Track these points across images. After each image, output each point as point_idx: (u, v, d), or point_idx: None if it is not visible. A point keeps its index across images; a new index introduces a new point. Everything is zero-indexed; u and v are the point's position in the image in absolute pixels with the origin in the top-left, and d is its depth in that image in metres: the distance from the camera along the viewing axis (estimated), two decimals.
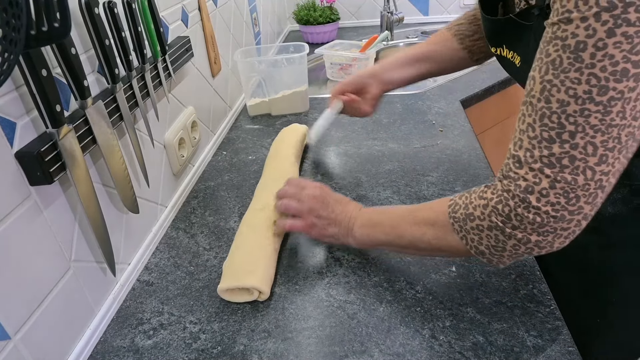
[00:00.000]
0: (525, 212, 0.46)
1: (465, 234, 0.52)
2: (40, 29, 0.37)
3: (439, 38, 0.84)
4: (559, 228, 0.46)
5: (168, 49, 0.78)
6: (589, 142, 0.41)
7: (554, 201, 0.44)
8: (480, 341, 0.55)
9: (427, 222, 0.56)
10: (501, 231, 0.48)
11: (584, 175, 0.42)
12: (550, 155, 0.43)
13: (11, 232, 0.47)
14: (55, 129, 0.50)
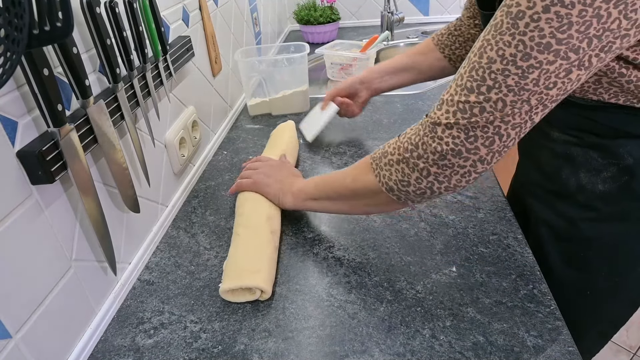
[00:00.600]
0: (430, 140, 0.51)
1: (379, 171, 0.58)
2: (43, 28, 0.37)
3: (424, 48, 0.92)
4: (456, 164, 0.51)
5: (169, 48, 0.79)
6: (500, 98, 0.46)
7: (455, 134, 0.49)
8: (480, 341, 0.55)
9: (351, 167, 0.64)
10: (406, 163, 0.54)
11: (489, 125, 0.48)
12: (465, 102, 0.48)
13: (12, 231, 0.47)
14: (57, 128, 0.50)
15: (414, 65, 0.92)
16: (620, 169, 0.62)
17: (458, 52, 0.87)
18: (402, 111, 1.16)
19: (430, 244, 0.71)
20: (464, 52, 0.86)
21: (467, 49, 0.86)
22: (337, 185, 0.65)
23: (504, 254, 0.68)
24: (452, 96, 0.49)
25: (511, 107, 0.46)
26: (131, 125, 0.67)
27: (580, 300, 0.73)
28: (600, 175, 0.64)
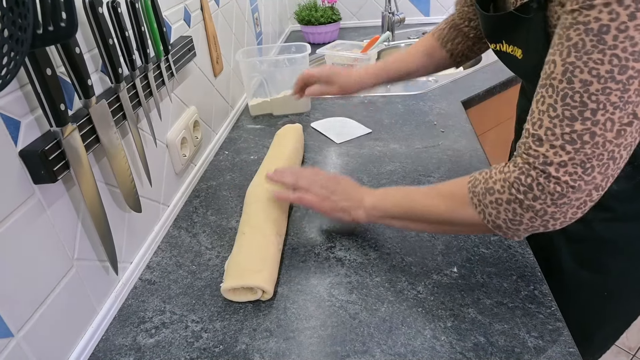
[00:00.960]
0: (546, 181, 0.48)
1: (483, 208, 0.53)
2: (47, 28, 0.37)
3: (429, 48, 0.88)
4: (574, 198, 0.48)
5: (171, 48, 0.79)
6: (608, 118, 0.44)
7: (572, 171, 0.47)
8: (481, 342, 0.56)
9: (442, 195, 0.58)
10: (520, 204, 0.50)
11: (603, 149, 0.46)
12: (572, 132, 0.45)
13: (15, 231, 0.48)
14: (59, 127, 0.50)
15: (419, 68, 0.89)
16: (635, 168, 0.62)
17: (460, 47, 0.85)
18: (403, 112, 1.16)
19: (431, 245, 0.71)
20: (465, 48, 0.84)
21: (468, 44, 0.84)
22: (427, 211, 0.60)
23: (505, 255, 0.68)
24: (552, 129, 0.47)
25: (620, 125, 0.44)
26: (133, 125, 0.67)
27: (593, 301, 0.73)
28: None
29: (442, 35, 0.86)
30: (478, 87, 1.27)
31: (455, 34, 0.84)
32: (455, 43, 0.84)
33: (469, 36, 0.83)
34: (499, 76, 1.32)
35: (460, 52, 0.85)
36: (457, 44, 0.84)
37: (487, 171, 0.54)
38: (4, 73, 0.35)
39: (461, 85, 1.29)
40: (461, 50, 0.85)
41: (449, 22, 0.85)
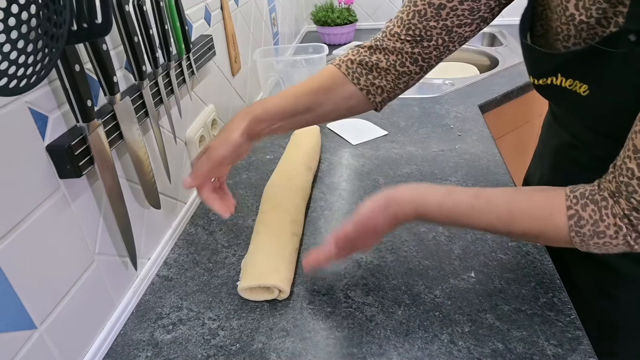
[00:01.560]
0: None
1: (584, 245, 0.49)
2: (82, 25, 0.38)
3: (328, 81, 0.68)
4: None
5: (192, 47, 0.79)
6: None
7: None
8: (499, 348, 0.55)
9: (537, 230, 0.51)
10: (629, 246, 0.48)
11: None
12: None
13: (40, 224, 0.48)
14: (86, 123, 0.51)
15: (315, 105, 0.67)
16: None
17: (378, 83, 0.66)
18: (420, 114, 1.16)
19: (448, 249, 0.71)
20: (384, 82, 0.66)
21: (389, 79, 0.66)
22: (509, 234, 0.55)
23: (524, 261, 0.67)
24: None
25: None
26: (154, 122, 0.68)
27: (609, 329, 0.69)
28: None
29: (350, 68, 0.67)
30: (495, 91, 1.26)
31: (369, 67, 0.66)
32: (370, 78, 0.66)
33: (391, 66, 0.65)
34: (516, 81, 1.31)
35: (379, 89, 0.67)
36: (372, 79, 0.66)
37: (591, 206, 0.48)
38: (39, 69, 0.36)
39: (478, 89, 1.28)
40: (380, 87, 0.67)
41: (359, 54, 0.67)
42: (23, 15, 0.35)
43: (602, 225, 0.48)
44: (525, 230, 0.52)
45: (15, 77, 0.35)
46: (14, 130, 0.45)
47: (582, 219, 0.48)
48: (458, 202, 0.54)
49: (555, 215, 0.50)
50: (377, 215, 0.57)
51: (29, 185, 0.47)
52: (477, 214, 0.53)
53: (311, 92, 0.67)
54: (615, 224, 0.47)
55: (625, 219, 0.46)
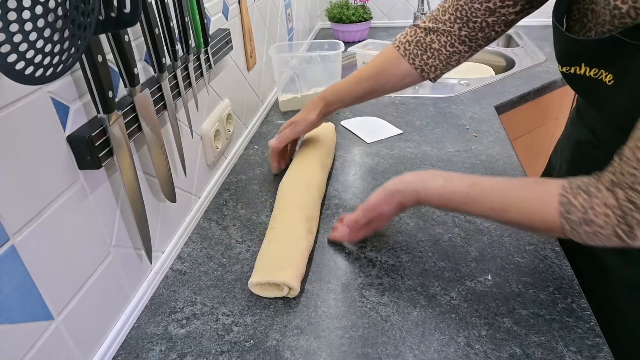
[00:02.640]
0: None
1: (574, 232, 0.51)
2: (109, 14, 0.37)
3: (388, 62, 0.79)
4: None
5: (210, 40, 0.79)
6: None
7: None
8: (517, 353, 0.54)
9: (523, 211, 0.54)
10: (619, 237, 0.48)
11: None
12: None
13: (59, 215, 0.48)
14: (106, 114, 0.50)
15: (376, 87, 0.81)
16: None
17: (432, 62, 0.75)
18: (435, 114, 1.15)
19: (464, 250, 0.70)
20: (437, 62, 0.75)
21: (441, 58, 0.75)
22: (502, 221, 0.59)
23: (542, 266, 0.66)
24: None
25: None
26: (172, 115, 0.67)
27: None
28: None
29: (407, 49, 0.77)
30: (511, 92, 1.25)
31: (424, 48, 0.75)
32: (424, 58, 0.76)
33: (443, 46, 0.74)
34: (532, 83, 1.30)
35: (432, 67, 0.77)
36: (426, 59, 0.76)
37: (582, 195, 0.50)
38: (65, 57, 0.35)
39: (494, 90, 1.27)
40: (433, 65, 0.76)
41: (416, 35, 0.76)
42: (50, 3, 0.35)
43: (591, 213, 0.49)
44: (515, 219, 0.55)
45: (41, 66, 0.35)
46: (37, 120, 0.44)
47: (573, 206, 0.50)
48: (455, 191, 0.59)
49: (545, 207, 0.52)
50: (384, 204, 0.66)
51: (49, 175, 0.46)
52: (472, 203, 0.58)
53: (372, 76, 0.80)
54: (606, 214, 0.48)
55: (619, 210, 0.47)
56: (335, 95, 0.84)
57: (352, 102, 0.85)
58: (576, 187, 0.51)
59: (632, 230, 0.47)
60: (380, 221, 0.69)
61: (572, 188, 0.51)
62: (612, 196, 0.48)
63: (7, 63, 0.32)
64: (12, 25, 0.32)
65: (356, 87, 0.82)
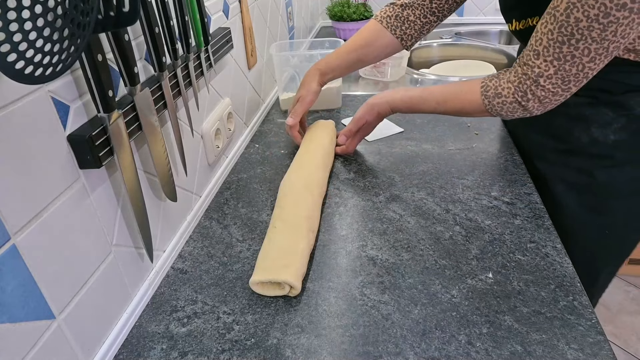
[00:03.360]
0: (535, 89, 0.67)
1: (491, 105, 0.73)
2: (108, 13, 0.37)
3: (372, 35, 0.94)
4: (553, 100, 0.68)
5: (210, 39, 0.79)
6: (586, 47, 0.61)
7: (554, 82, 0.65)
8: (518, 350, 0.54)
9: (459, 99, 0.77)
10: (518, 103, 0.70)
11: (577, 69, 0.63)
12: (559, 52, 0.63)
13: (60, 214, 0.48)
14: (107, 113, 0.50)
15: (363, 57, 0.95)
16: (629, 119, 0.75)
17: (409, 32, 0.92)
18: None
19: (465, 249, 0.70)
20: (413, 32, 0.92)
21: (416, 28, 0.92)
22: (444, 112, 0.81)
23: (543, 263, 0.66)
24: (547, 48, 0.63)
25: (594, 54, 0.61)
26: (172, 114, 0.67)
27: (599, 242, 0.87)
28: (611, 127, 0.76)
29: (389, 22, 0.92)
30: None
31: (402, 20, 0.92)
32: (403, 29, 0.92)
33: (417, 18, 0.91)
34: None
35: (409, 36, 0.93)
36: (405, 29, 0.92)
37: (495, 79, 0.73)
38: (65, 57, 0.35)
39: None
40: (410, 34, 0.93)
41: (395, 9, 0.92)
42: (50, 2, 0.35)
43: (500, 88, 0.72)
44: (453, 107, 0.79)
45: (40, 65, 0.35)
46: (37, 120, 0.44)
47: (488, 86, 0.73)
48: (413, 96, 0.84)
49: (472, 92, 0.75)
50: (367, 114, 0.91)
51: (49, 174, 0.46)
52: (423, 101, 0.83)
53: (360, 47, 0.94)
54: (508, 87, 0.70)
55: (517, 81, 0.69)
56: (328, 66, 0.96)
57: (343, 72, 0.97)
58: (492, 76, 0.74)
59: (526, 94, 0.68)
60: (367, 129, 0.93)
61: (490, 77, 0.74)
62: (514, 73, 0.70)
63: (6, 62, 0.32)
64: (12, 24, 0.32)
65: (347, 57, 0.95)
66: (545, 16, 0.63)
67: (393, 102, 0.86)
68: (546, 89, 0.66)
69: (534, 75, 0.66)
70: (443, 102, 0.79)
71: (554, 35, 0.62)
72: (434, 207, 0.80)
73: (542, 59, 0.65)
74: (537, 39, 0.65)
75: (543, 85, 0.66)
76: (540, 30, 0.64)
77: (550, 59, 0.64)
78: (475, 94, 0.74)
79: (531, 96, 0.68)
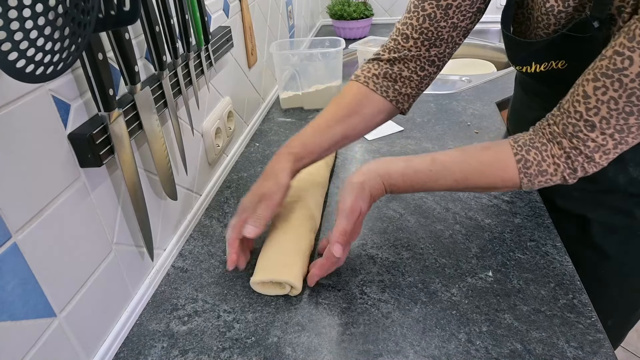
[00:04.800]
0: (588, 166, 0.56)
1: (531, 184, 0.59)
2: (109, 12, 0.37)
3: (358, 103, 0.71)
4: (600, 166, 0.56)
5: (211, 38, 0.79)
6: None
7: (611, 158, 0.55)
8: (518, 349, 0.54)
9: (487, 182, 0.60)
10: (564, 180, 0.58)
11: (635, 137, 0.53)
12: (624, 124, 0.52)
13: (61, 213, 0.48)
14: (107, 112, 0.51)
15: (349, 130, 0.71)
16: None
17: (405, 91, 0.72)
18: (436, 111, 1.15)
19: (465, 247, 0.70)
20: (410, 90, 0.73)
21: (413, 86, 0.72)
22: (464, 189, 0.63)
23: (542, 262, 0.66)
24: (608, 120, 0.52)
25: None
26: (173, 113, 0.67)
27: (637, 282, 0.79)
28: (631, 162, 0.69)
29: (377, 82, 0.71)
30: (512, 88, 1.24)
31: (394, 77, 0.72)
32: (397, 88, 0.72)
33: (413, 72, 0.72)
34: None
35: (406, 96, 0.73)
36: (399, 87, 0.72)
37: (535, 152, 0.57)
38: (66, 55, 0.36)
39: (495, 86, 1.26)
40: (406, 93, 0.73)
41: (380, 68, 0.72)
42: (50, 1, 0.35)
43: (545, 165, 0.57)
44: (478, 185, 0.61)
45: (41, 64, 0.35)
46: (38, 118, 0.45)
47: (528, 161, 0.57)
48: (418, 170, 0.61)
49: (504, 167, 0.58)
50: (359, 200, 0.60)
51: (50, 173, 0.47)
52: (435, 179, 0.61)
53: (343, 118, 0.70)
54: (555, 162, 0.57)
55: (566, 157, 0.56)
56: (304, 148, 0.69)
57: (323, 154, 0.71)
58: (524, 145, 0.58)
59: (575, 172, 0.56)
60: (360, 222, 0.62)
61: (521, 146, 0.58)
62: (557, 147, 0.56)
63: (8, 61, 0.32)
64: (13, 23, 0.32)
65: (328, 133, 0.70)
66: (602, 79, 0.51)
67: (389, 179, 0.61)
68: (599, 164, 0.55)
69: (588, 151, 0.54)
70: (464, 180, 0.60)
71: (619, 106, 0.50)
72: (434, 205, 0.80)
73: (598, 132, 0.53)
74: (589, 107, 0.52)
75: (598, 162, 0.55)
76: (594, 96, 0.52)
77: (610, 132, 0.52)
78: (510, 171, 0.58)
79: (581, 173, 0.56)
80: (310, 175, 0.82)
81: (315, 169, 0.84)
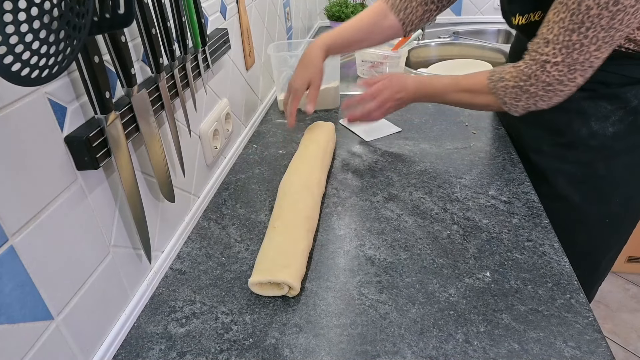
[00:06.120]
0: (541, 73, 0.69)
1: (495, 91, 0.75)
2: (104, 15, 0.37)
3: (378, 16, 0.93)
4: (558, 90, 0.70)
5: (208, 40, 0.79)
6: (595, 36, 0.63)
7: (561, 70, 0.67)
8: (515, 349, 0.54)
9: (468, 90, 0.80)
10: (520, 88, 0.72)
11: (584, 57, 0.65)
12: (569, 40, 0.65)
13: (58, 215, 0.48)
14: (104, 115, 0.51)
15: (367, 36, 0.94)
16: (626, 111, 0.78)
17: (411, 18, 0.93)
18: (434, 111, 1.15)
19: (463, 247, 0.70)
20: (414, 18, 0.93)
21: (417, 15, 0.92)
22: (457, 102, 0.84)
23: (540, 262, 0.67)
24: (558, 36, 0.65)
25: (601, 42, 0.63)
26: (170, 115, 0.67)
27: (600, 231, 0.90)
28: (609, 120, 0.79)
29: (395, 4, 0.92)
30: None
31: (406, 3, 0.92)
32: (406, 13, 0.92)
33: (420, 4, 0.92)
34: None
35: (411, 22, 0.94)
36: (408, 13, 0.92)
37: (503, 67, 0.75)
38: (61, 59, 0.36)
39: None
40: (411, 20, 0.93)
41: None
42: (45, 4, 0.35)
43: (504, 73, 0.74)
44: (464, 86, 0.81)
45: (37, 67, 0.35)
46: (34, 121, 0.45)
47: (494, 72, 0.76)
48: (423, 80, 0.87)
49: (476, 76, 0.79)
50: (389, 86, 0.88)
51: (47, 176, 0.47)
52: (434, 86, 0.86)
53: (366, 26, 0.93)
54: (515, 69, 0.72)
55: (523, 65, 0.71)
56: (334, 42, 0.92)
57: (346, 50, 0.95)
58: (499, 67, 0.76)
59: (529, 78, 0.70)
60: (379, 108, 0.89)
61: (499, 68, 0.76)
62: (522, 61, 0.71)
63: (3, 65, 0.32)
64: (8, 27, 0.32)
65: (353, 35, 0.93)
66: (557, 5, 0.65)
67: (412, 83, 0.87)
68: (551, 75, 0.67)
69: (541, 60, 0.68)
70: (454, 82, 0.82)
71: (565, 24, 0.64)
72: (432, 206, 0.80)
73: (551, 47, 0.66)
74: (548, 27, 0.66)
75: (549, 71, 0.67)
76: (551, 19, 0.66)
77: (559, 47, 0.65)
78: (482, 76, 0.77)
79: (534, 80, 0.69)
80: (307, 175, 0.82)
81: (311, 169, 0.84)
